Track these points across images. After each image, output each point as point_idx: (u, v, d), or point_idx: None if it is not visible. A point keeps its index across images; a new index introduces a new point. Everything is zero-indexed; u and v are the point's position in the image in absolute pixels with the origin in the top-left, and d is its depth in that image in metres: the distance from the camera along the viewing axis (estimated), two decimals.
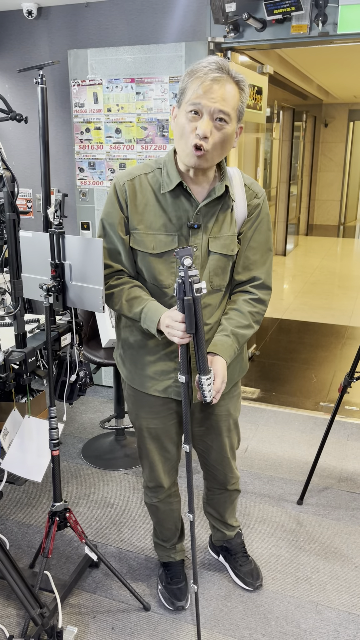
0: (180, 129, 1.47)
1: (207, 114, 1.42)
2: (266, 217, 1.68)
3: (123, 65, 3.09)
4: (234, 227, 1.61)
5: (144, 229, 1.57)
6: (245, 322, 1.66)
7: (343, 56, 5.65)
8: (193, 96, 1.42)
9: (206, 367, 1.48)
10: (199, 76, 1.41)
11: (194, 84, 1.42)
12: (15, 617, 1.97)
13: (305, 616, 1.98)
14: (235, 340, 1.64)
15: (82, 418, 3.40)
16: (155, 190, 1.57)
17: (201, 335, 1.43)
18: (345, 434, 3.20)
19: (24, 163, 3.65)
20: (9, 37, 3.46)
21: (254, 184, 1.66)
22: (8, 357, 1.66)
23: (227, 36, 2.96)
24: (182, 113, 1.47)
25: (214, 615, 1.98)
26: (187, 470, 1.60)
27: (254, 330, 1.69)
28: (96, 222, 3.43)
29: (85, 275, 1.67)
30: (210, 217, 1.58)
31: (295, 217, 9.79)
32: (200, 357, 1.46)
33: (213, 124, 1.43)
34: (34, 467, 1.92)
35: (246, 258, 1.67)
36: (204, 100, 1.41)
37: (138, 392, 1.77)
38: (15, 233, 1.60)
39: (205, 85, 1.40)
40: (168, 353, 1.67)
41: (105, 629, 1.92)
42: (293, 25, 2.84)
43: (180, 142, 1.49)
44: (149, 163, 1.61)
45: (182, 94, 1.46)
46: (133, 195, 1.57)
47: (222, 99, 1.41)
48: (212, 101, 1.40)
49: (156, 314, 1.54)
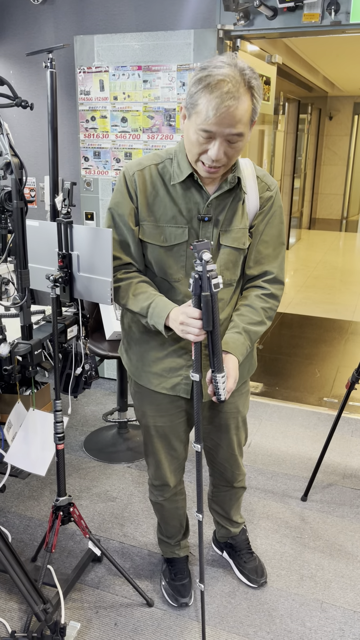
0: (189, 139, 1.41)
1: (220, 137, 1.36)
2: (279, 209, 1.63)
3: (130, 53, 3.03)
4: (245, 219, 1.57)
5: (154, 220, 1.53)
6: (257, 318, 1.62)
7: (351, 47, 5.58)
8: (205, 122, 1.33)
9: (221, 366, 1.43)
10: (213, 96, 1.30)
11: (207, 102, 1.31)
12: (17, 612, 1.94)
13: (310, 614, 1.96)
14: (248, 337, 1.60)
15: (84, 410, 3.37)
16: (165, 181, 1.52)
17: (218, 333, 1.38)
18: (350, 430, 3.17)
19: (28, 151, 3.59)
20: (14, 22, 3.40)
21: (266, 176, 1.61)
22: (14, 349, 1.63)
23: (237, 24, 2.90)
24: (191, 128, 1.38)
25: (218, 612, 1.96)
26: (197, 470, 1.56)
27: (267, 327, 1.65)
28: (101, 212, 3.38)
29: (93, 266, 1.63)
30: (221, 209, 1.53)
31: (298, 211, 9.73)
32: (216, 355, 1.41)
33: (226, 144, 1.38)
34: (38, 460, 1.89)
35: (258, 252, 1.63)
36: (217, 128, 1.34)
37: (144, 389, 1.74)
38: (22, 222, 1.55)
39: (220, 113, 1.31)
40: (177, 349, 1.64)
41: (108, 624, 1.90)
42: (305, 13, 2.78)
43: (190, 151, 1.44)
44: (159, 153, 1.56)
45: (193, 106, 1.35)
46: (143, 186, 1.52)
47: (237, 122, 1.33)
48: (225, 127, 1.34)
49: (165, 310, 1.50)
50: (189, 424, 1.82)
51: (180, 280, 1.57)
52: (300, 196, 9.77)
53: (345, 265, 7.63)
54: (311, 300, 5.86)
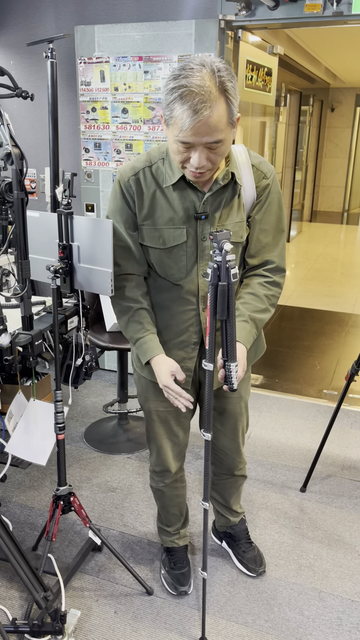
0: (171, 147, 1.41)
1: (200, 146, 1.36)
2: (277, 196, 1.61)
3: (131, 43, 3.01)
4: (242, 212, 1.57)
5: (152, 224, 1.54)
6: (262, 306, 1.63)
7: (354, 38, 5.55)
8: (182, 133, 1.33)
9: (235, 354, 1.44)
10: (186, 107, 1.29)
11: (179, 111, 1.30)
12: (18, 600, 1.96)
13: (308, 603, 1.97)
14: (254, 325, 1.61)
15: (84, 402, 3.38)
16: (159, 184, 1.52)
17: (233, 322, 1.39)
18: (349, 422, 3.19)
19: (28, 142, 3.59)
20: (14, 12, 3.38)
21: (262, 164, 1.59)
22: (14, 339, 1.64)
23: (238, 14, 2.88)
24: (170, 135, 1.38)
25: (217, 601, 1.98)
26: (205, 458, 1.57)
27: (271, 314, 1.66)
28: (101, 203, 3.38)
29: (94, 257, 1.64)
30: (217, 205, 1.53)
31: (299, 203, 9.70)
32: (229, 344, 1.42)
33: (208, 151, 1.37)
34: (39, 450, 1.91)
35: (258, 241, 1.63)
36: (194, 139, 1.34)
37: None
38: (23, 213, 1.56)
39: (194, 124, 1.30)
40: (177, 343, 1.66)
41: (108, 612, 1.92)
42: (307, 4, 2.76)
43: (174, 158, 1.44)
44: (151, 153, 1.56)
45: (170, 116, 1.35)
46: (139, 191, 1.53)
47: (213, 131, 1.33)
48: (202, 136, 1.33)
49: (152, 352, 1.61)
50: (190, 411, 1.83)
51: (181, 279, 1.58)
52: (301, 189, 9.74)
53: (346, 258, 7.63)
54: (312, 292, 5.86)
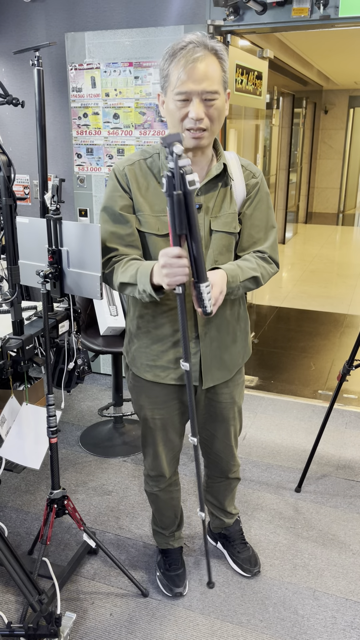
0: (172, 115, 1.48)
1: (196, 97, 1.43)
2: (265, 195, 1.69)
3: (121, 49, 3.04)
4: (234, 205, 1.62)
5: (148, 211, 1.57)
6: (252, 265, 1.62)
7: (344, 41, 5.58)
8: (178, 83, 1.42)
9: (204, 274, 1.32)
10: (179, 59, 1.41)
11: (175, 68, 1.42)
12: (13, 604, 1.97)
13: (302, 602, 1.98)
14: (240, 269, 1.57)
15: (80, 406, 3.40)
16: (155, 174, 1.57)
17: (196, 237, 1.26)
18: (344, 422, 3.20)
19: (21, 149, 3.61)
20: (5, 19, 3.40)
21: (250, 165, 1.68)
22: (5, 344, 1.65)
23: (226, 19, 2.91)
24: (169, 100, 1.47)
25: (212, 602, 1.99)
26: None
27: (260, 279, 1.62)
28: (94, 208, 3.40)
29: (83, 261, 1.65)
30: (210, 196, 1.58)
31: (294, 205, 9.73)
32: (198, 263, 1.30)
33: (204, 104, 1.44)
34: (32, 454, 1.92)
35: (250, 236, 1.68)
36: (190, 85, 1.41)
37: (141, 380, 1.75)
38: (12, 219, 1.57)
39: (188, 70, 1.40)
40: (178, 341, 1.67)
41: (103, 615, 1.93)
42: (294, 8, 2.79)
43: (173, 124, 1.49)
44: (147, 149, 1.62)
45: (166, 80, 1.46)
46: (134, 179, 1.57)
47: (207, 78, 1.41)
48: (198, 84, 1.41)
49: (148, 266, 1.45)
50: (185, 416, 1.84)
51: None
52: (296, 190, 9.77)
53: (341, 259, 7.65)
54: (307, 294, 5.88)
